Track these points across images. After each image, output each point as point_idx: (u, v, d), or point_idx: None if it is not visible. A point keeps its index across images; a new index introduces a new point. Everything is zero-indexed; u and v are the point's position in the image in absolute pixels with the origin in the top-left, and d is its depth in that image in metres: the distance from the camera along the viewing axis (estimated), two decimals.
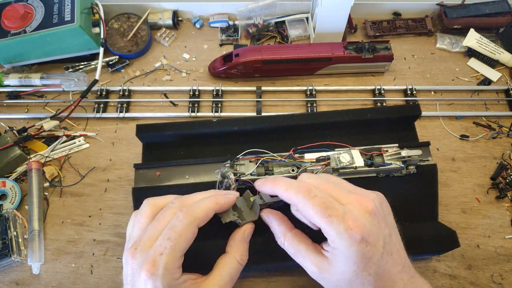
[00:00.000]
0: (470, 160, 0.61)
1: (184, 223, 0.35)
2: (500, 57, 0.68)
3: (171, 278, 0.34)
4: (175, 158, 0.55)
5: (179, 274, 0.35)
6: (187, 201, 0.38)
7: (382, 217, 0.36)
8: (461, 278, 0.52)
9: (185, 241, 0.35)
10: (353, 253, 0.33)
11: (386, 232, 0.35)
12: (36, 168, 0.58)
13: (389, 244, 0.35)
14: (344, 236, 0.33)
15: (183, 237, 0.35)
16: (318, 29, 0.68)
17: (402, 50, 0.72)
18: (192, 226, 0.35)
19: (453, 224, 0.56)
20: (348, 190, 0.37)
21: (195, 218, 0.36)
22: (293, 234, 0.39)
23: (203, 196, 0.40)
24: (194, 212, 0.36)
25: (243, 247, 0.40)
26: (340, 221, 0.33)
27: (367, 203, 0.35)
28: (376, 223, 0.34)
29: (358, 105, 0.66)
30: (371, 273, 0.34)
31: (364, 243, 0.33)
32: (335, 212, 0.34)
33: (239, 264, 0.39)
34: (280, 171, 0.48)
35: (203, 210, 0.37)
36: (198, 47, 0.73)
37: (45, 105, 0.67)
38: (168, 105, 0.67)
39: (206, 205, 0.37)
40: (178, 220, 0.35)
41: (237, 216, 0.43)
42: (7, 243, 0.52)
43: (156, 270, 0.33)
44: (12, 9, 0.63)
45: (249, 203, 0.44)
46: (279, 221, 0.41)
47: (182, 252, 0.35)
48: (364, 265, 0.34)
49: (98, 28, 0.66)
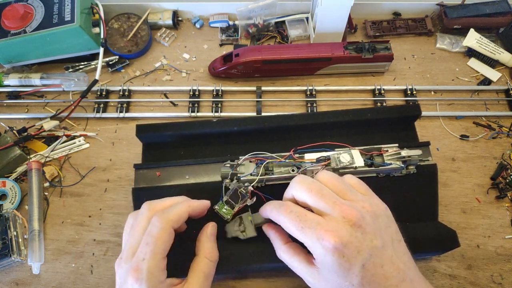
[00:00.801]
0: (470, 160, 0.61)
1: (159, 227, 0.37)
2: (500, 57, 0.68)
3: (156, 281, 0.36)
4: (175, 158, 0.55)
5: (163, 276, 0.37)
6: (158, 206, 0.41)
7: (372, 229, 0.36)
8: (461, 278, 0.52)
9: (163, 243, 0.37)
10: (330, 263, 0.34)
11: (374, 243, 0.35)
12: (36, 168, 0.58)
13: (378, 256, 0.35)
14: (317, 246, 0.34)
15: (160, 240, 0.37)
16: (318, 29, 0.68)
17: (402, 50, 0.72)
18: (167, 229, 0.37)
19: (453, 224, 0.56)
20: (335, 200, 0.37)
21: (169, 221, 0.38)
22: (287, 246, 0.41)
23: (177, 200, 0.42)
24: (168, 215, 0.38)
25: (209, 245, 0.42)
26: (313, 231, 0.35)
27: (351, 214, 0.35)
28: (359, 234, 0.35)
29: (358, 105, 0.66)
30: (354, 284, 0.34)
31: (339, 253, 0.34)
32: (308, 223, 0.36)
33: (210, 261, 0.41)
34: (280, 171, 0.48)
35: (176, 213, 0.39)
36: (198, 47, 0.73)
37: (45, 105, 0.67)
38: (168, 105, 0.67)
39: (180, 208, 0.40)
40: (153, 225, 0.37)
41: (240, 231, 0.46)
42: (7, 243, 0.52)
43: (140, 274, 0.36)
44: (12, 9, 0.63)
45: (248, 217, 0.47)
46: (276, 234, 0.43)
47: (162, 255, 0.37)
48: (345, 275, 0.34)
49: (98, 28, 0.66)
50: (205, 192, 0.51)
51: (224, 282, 0.51)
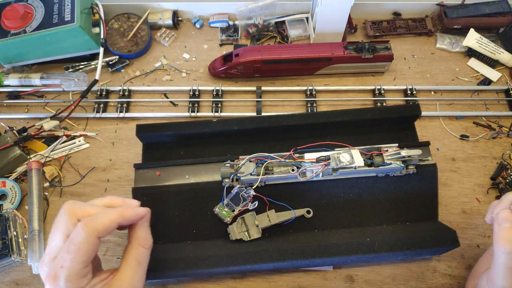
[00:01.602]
0: (470, 160, 0.61)
1: (83, 236, 0.35)
2: (500, 57, 0.68)
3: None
4: (175, 158, 0.55)
5: (85, 281, 0.36)
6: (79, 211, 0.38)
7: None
8: (461, 278, 0.52)
9: (86, 253, 0.35)
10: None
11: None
12: (36, 168, 0.58)
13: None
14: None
15: (82, 250, 0.35)
16: (318, 29, 0.68)
17: (402, 50, 0.72)
18: (91, 238, 0.35)
19: (453, 224, 0.56)
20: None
21: (94, 230, 0.36)
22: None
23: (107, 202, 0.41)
24: (94, 224, 0.36)
25: (142, 232, 0.41)
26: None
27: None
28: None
29: (358, 105, 0.66)
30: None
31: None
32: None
33: (143, 248, 0.41)
34: (280, 171, 0.48)
35: (104, 222, 0.37)
36: (198, 47, 0.73)
37: (45, 105, 0.67)
38: (168, 105, 0.67)
39: (109, 218, 0.37)
40: (77, 233, 0.35)
41: (244, 231, 0.47)
42: (7, 243, 0.52)
43: (57, 283, 0.35)
44: (12, 9, 0.63)
45: (255, 222, 0.48)
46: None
47: (83, 264, 0.35)
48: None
49: (98, 28, 0.66)
50: (205, 191, 0.51)
51: (224, 282, 0.51)
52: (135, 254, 0.40)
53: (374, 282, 0.51)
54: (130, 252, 0.40)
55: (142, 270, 0.40)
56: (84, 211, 0.38)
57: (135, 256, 0.40)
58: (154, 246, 0.49)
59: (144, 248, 0.41)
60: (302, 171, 0.48)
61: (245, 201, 0.48)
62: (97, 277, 0.38)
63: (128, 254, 0.40)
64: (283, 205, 0.50)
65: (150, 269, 0.46)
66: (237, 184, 0.48)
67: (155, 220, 0.51)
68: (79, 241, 0.35)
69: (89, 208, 0.38)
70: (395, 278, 0.52)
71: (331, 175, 0.49)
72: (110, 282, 0.38)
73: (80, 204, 0.39)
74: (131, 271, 0.39)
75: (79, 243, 0.35)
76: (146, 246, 0.41)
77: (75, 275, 0.35)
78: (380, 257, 0.47)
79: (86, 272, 0.36)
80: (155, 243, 0.50)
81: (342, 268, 0.52)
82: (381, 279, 0.51)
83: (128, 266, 0.39)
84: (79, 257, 0.35)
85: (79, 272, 0.35)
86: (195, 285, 0.51)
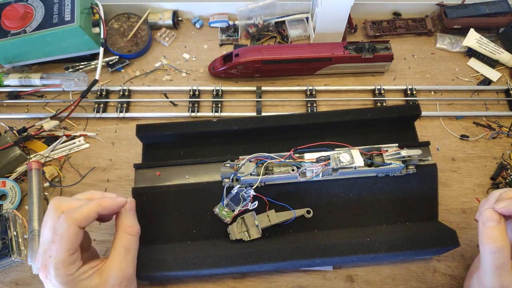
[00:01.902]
0: (470, 160, 0.61)
1: (64, 226, 0.38)
2: (500, 57, 0.68)
3: (65, 276, 0.38)
4: (175, 158, 0.55)
5: (74, 269, 0.39)
6: (64, 204, 0.41)
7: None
8: (461, 278, 0.52)
9: (69, 242, 0.38)
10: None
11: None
12: (36, 168, 0.58)
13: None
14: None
15: (65, 239, 0.38)
16: (318, 29, 0.68)
17: (402, 50, 0.72)
18: (72, 227, 0.38)
19: (453, 224, 0.56)
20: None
21: (75, 220, 0.39)
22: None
23: (88, 196, 0.44)
24: (74, 214, 0.39)
25: (128, 220, 0.44)
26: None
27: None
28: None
29: (358, 105, 0.66)
30: None
31: None
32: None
33: (129, 235, 0.43)
34: (280, 171, 0.48)
35: (83, 213, 0.39)
36: (198, 47, 0.73)
37: (45, 105, 0.67)
38: (168, 105, 0.67)
39: (88, 208, 0.40)
40: (60, 224, 0.39)
41: (244, 232, 0.48)
42: (7, 243, 0.52)
43: (48, 272, 0.38)
44: (12, 9, 0.63)
45: (255, 222, 0.48)
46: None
47: (68, 252, 0.38)
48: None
49: (98, 28, 0.66)
50: (205, 191, 0.51)
51: (224, 282, 0.51)
52: (122, 241, 0.42)
53: (374, 282, 0.51)
54: (118, 240, 0.43)
55: (131, 256, 0.43)
56: (68, 205, 0.41)
57: (122, 243, 0.42)
58: (155, 245, 0.49)
59: (131, 235, 0.43)
60: (302, 171, 0.48)
61: (245, 201, 0.48)
62: (88, 264, 0.41)
63: (116, 242, 0.42)
64: (283, 205, 0.50)
65: (150, 269, 0.46)
66: (237, 184, 0.48)
67: (155, 220, 0.51)
68: (62, 232, 0.38)
69: (72, 202, 0.42)
70: (395, 278, 0.52)
71: (331, 175, 0.49)
72: (101, 268, 0.41)
73: (64, 199, 0.42)
74: (119, 257, 0.41)
75: (61, 233, 0.38)
76: (133, 233, 0.43)
77: (62, 263, 0.38)
78: (380, 257, 0.47)
79: (73, 260, 0.39)
80: (155, 242, 0.50)
81: (342, 268, 0.52)
82: (381, 279, 0.51)
83: (117, 253, 0.42)
84: (63, 246, 0.38)
85: (65, 260, 0.38)
86: (195, 285, 0.51)
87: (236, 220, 0.49)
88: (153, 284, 0.51)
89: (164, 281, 0.51)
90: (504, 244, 0.38)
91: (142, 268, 0.46)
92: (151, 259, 0.47)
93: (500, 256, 0.38)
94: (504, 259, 0.38)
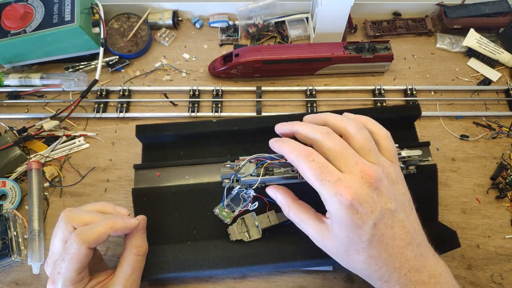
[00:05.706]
0: (470, 160, 0.61)
1: (75, 247, 0.39)
2: (500, 57, 0.68)
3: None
4: (175, 159, 0.55)
5: (81, 286, 0.41)
6: (76, 218, 0.42)
7: (388, 192, 0.37)
8: (461, 278, 0.52)
9: (78, 262, 0.39)
10: (343, 217, 0.36)
11: (388, 206, 0.36)
12: (36, 168, 0.58)
13: (389, 218, 0.36)
14: (333, 199, 0.35)
15: (74, 259, 0.39)
16: (318, 29, 0.68)
17: (402, 50, 0.72)
18: (82, 249, 0.39)
19: (453, 224, 0.56)
20: (356, 160, 0.37)
21: (85, 241, 0.39)
22: (297, 204, 0.42)
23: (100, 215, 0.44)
24: (85, 236, 0.40)
25: (137, 240, 0.45)
26: (332, 185, 0.35)
27: (371, 175, 0.36)
28: (375, 195, 0.36)
29: (358, 105, 0.66)
30: (363, 241, 0.36)
31: (353, 210, 0.35)
32: (329, 177, 0.36)
33: (136, 255, 0.44)
34: (280, 171, 0.48)
35: (95, 234, 0.40)
36: (198, 47, 0.73)
37: (45, 105, 0.67)
38: (168, 105, 0.67)
39: (99, 230, 0.41)
40: (71, 243, 0.39)
41: (244, 232, 0.48)
42: (7, 243, 0.52)
43: (56, 287, 0.40)
44: (12, 9, 0.63)
45: (255, 222, 0.49)
46: (284, 194, 0.43)
47: (76, 271, 0.39)
48: (355, 231, 0.36)
49: (98, 28, 0.66)
50: (205, 192, 0.51)
51: (224, 283, 0.51)
52: (130, 260, 0.44)
53: None
54: (125, 258, 0.44)
55: (136, 275, 0.44)
56: (79, 219, 0.42)
57: (130, 262, 0.44)
58: (155, 247, 0.49)
59: (138, 255, 0.44)
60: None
61: (245, 202, 0.48)
62: (95, 279, 0.42)
63: (123, 261, 0.44)
64: None
65: (150, 270, 0.46)
66: (237, 185, 0.48)
67: (155, 220, 0.51)
68: (72, 252, 0.39)
69: (83, 216, 0.42)
70: None
71: None
72: (106, 285, 0.42)
73: (76, 212, 0.43)
74: (125, 276, 0.43)
75: (72, 253, 0.39)
76: (140, 253, 0.45)
77: (70, 281, 0.39)
78: None
79: (81, 278, 0.40)
80: (155, 243, 0.50)
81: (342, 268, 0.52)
82: None
83: (123, 271, 0.43)
84: (72, 266, 0.39)
85: (73, 279, 0.39)
86: (195, 285, 0.51)
87: (236, 221, 0.49)
88: (153, 284, 0.51)
89: (164, 281, 0.51)
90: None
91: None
92: (151, 260, 0.47)
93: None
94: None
